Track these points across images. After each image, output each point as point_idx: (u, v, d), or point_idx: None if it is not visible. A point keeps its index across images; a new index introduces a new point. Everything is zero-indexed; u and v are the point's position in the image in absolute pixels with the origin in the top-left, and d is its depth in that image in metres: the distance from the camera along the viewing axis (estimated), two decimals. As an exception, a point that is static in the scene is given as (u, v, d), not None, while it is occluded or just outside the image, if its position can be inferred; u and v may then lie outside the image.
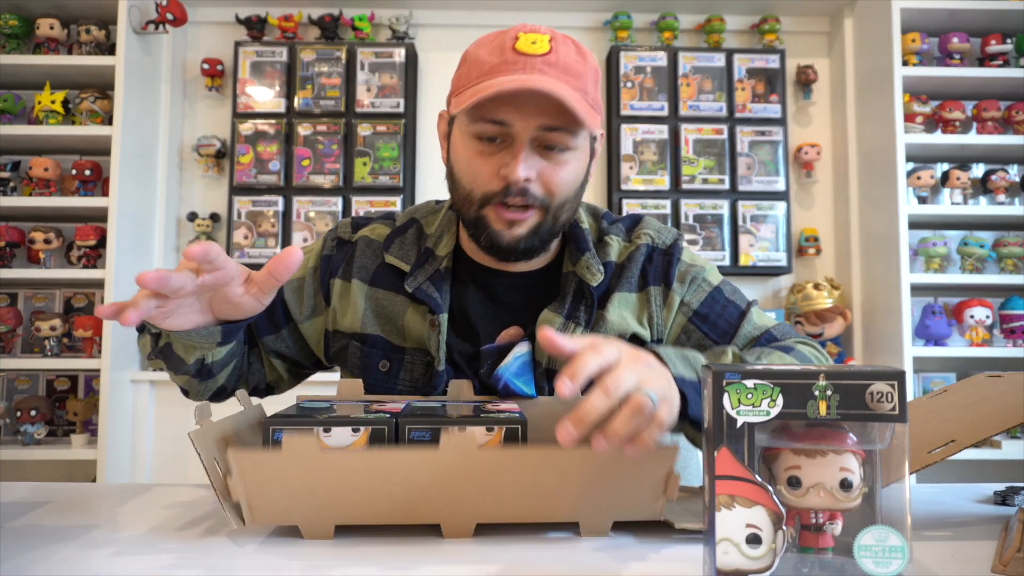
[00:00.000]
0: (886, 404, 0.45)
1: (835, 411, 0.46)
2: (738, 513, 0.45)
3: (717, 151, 2.58)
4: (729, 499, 0.45)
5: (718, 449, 0.46)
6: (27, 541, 0.63)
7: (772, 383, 0.47)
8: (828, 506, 0.45)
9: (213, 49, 2.66)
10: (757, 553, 0.44)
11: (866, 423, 0.46)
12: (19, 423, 2.30)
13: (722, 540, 0.45)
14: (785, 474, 0.46)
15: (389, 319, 0.93)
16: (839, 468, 0.45)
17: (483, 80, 0.79)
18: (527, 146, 0.80)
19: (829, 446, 0.46)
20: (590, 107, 0.81)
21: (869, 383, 0.45)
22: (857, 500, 0.45)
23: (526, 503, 0.63)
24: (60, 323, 2.33)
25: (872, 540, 0.44)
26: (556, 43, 0.80)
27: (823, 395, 0.46)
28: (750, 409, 0.46)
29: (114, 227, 2.27)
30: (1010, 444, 2.27)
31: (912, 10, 2.40)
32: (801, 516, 0.46)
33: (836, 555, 0.48)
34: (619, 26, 2.64)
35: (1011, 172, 2.50)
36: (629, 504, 0.64)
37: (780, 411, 0.46)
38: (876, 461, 0.47)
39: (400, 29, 2.62)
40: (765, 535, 0.45)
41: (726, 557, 0.45)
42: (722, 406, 0.46)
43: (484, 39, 0.84)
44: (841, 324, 2.51)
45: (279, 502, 0.61)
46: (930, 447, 0.67)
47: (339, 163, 2.53)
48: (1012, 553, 0.55)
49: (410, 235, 0.96)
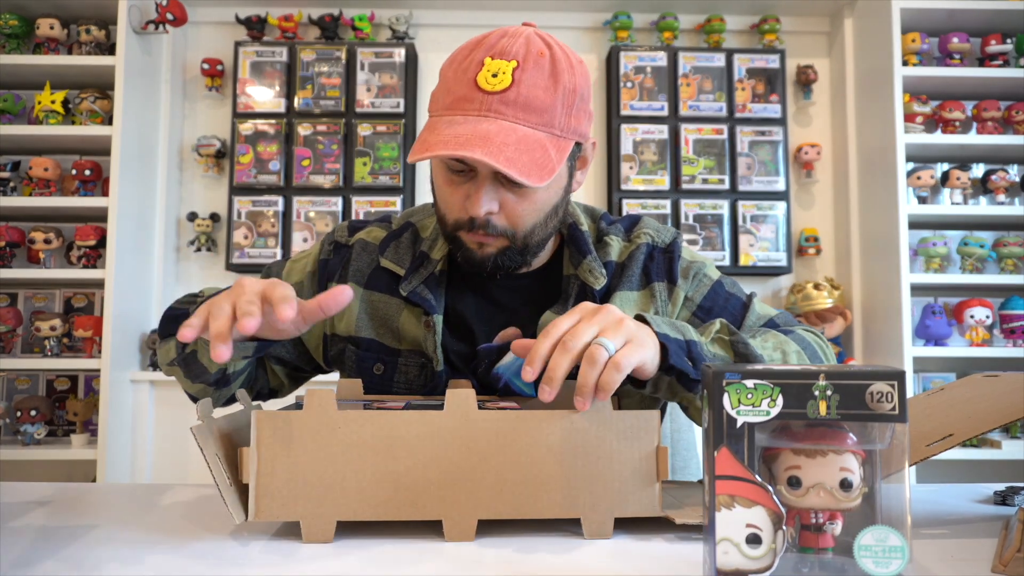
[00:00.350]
0: (886, 404, 0.45)
1: (835, 411, 0.46)
2: (738, 513, 0.45)
3: (717, 151, 2.58)
4: (729, 499, 0.45)
5: (718, 449, 0.46)
6: (27, 541, 0.63)
7: (772, 383, 0.47)
8: (828, 506, 0.45)
9: (213, 49, 2.66)
10: (757, 553, 0.45)
11: (866, 423, 0.46)
12: (19, 423, 2.30)
13: (722, 540, 0.45)
14: (785, 474, 0.46)
15: (384, 322, 0.93)
16: (839, 468, 0.45)
17: (444, 114, 0.80)
18: (488, 180, 0.81)
19: (829, 446, 0.46)
20: (556, 137, 0.80)
21: (869, 383, 0.45)
22: (857, 500, 0.45)
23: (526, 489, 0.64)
24: (60, 323, 2.33)
25: (872, 540, 0.45)
26: (522, 72, 0.78)
27: (823, 395, 0.46)
28: (750, 409, 0.46)
29: (114, 227, 2.27)
30: (1010, 444, 2.27)
31: (912, 10, 2.40)
32: (801, 516, 0.46)
33: (836, 555, 0.48)
34: (619, 26, 2.64)
35: (1011, 172, 2.50)
36: (625, 490, 0.64)
37: (780, 411, 0.46)
38: (876, 461, 0.47)
39: (400, 29, 2.62)
40: (765, 535, 0.45)
41: (726, 557, 0.45)
42: (722, 406, 0.47)
43: (458, 53, 0.83)
44: (841, 324, 2.51)
45: (286, 483, 0.62)
46: (928, 441, 0.68)
47: (339, 163, 2.53)
48: (1012, 553, 0.55)
49: (405, 239, 0.96)
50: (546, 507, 0.64)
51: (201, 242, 2.56)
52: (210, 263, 2.62)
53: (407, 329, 0.92)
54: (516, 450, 0.63)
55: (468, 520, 0.63)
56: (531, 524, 0.67)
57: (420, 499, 0.63)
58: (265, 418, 0.63)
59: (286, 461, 0.62)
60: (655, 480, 0.65)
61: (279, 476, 0.62)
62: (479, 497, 0.63)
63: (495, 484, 0.63)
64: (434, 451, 0.63)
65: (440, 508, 0.63)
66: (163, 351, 0.91)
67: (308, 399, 0.63)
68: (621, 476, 0.64)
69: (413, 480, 0.63)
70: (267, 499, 0.62)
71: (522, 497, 0.64)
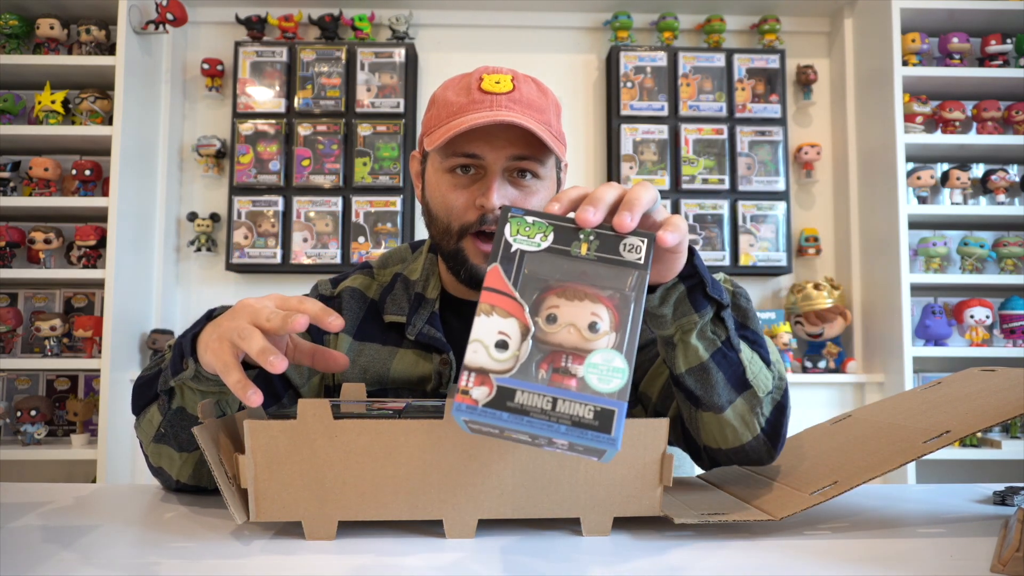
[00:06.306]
0: (635, 255, 0.54)
1: (593, 252, 0.54)
2: (494, 321, 0.51)
3: (717, 151, 2.58)
4: (490, 308, 0.52)
5: (491, 265, 0.53)
6: (27, 541, 0.63)
7: (548, 222, 0.55)
8: (576, 344, 0.51)
9: (213, 49, 2.67)
10: (503, 356, 0.50)
11: (618, 269, 0.54)
12: (19, 423, 2.30)
13: (475, 341, 0.51)
14: (545, 312, 0.52)
15: (366, 370, 0.92)
16: (590, 313, 0.52)
17: (453, 119, 0.84)
18: (499, 176, 0.85)
19: (586, 291, 0.53)
20: (554, 137, 0.86)
21: (625, 236, 0.55)
22: (599, 342, 0.51)
23: (526, 492, 0.63)
24: (60, 323, 2.33)
25: (600, 360, 0.50)
26: (518, 82, 0.86)
27: (587, 238, 0.54)
28: (526, 239, 0.54)
29: (114, 227, 2.27)
30: (1010, 444, 2.27)
31: (912, 10, 2.40)
32: (554, 361, 0.51)
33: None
34: (619, 26, 2.64)
35: (1011, 172, 2.50)
36: (627, 493, 0.64)
37: (549, 245, 0.54)
38: (626, 314, 0.52)
39: (400, 29, 2.62)
40: (512, 343, 0.51)
41: (475, 356, 0.50)
42: (503, 233, 0.54)
43: (449, 82, 0.89)
44: (841, 324, 2.52)
45: (285, 487, 0.62)
46: (925, 437, 0.68)
47: (339, 163, 2.53)
48: (1011, 552, 0.55)
49: (398, 289, 0.97)
50: (546, 508, 0.64)
51: (201, 242, 2.56)
52: (210, 263, 2.62)
53: (399, 371, 0.92)
54: (518, 457, 0.63)
55: (468, 519, 0.63)
56: (531, 523, 0.67)
57: (420, 501, 0.63)
58: (259, 428, 0.61)
59: (283, 468, 0.62)
60: (658, 485, 0.65)
61: (277, 481, 0.62)
62: (479, 500, 0.63)
63: (495, 487, 0.63)
64: (434, 457, 0.62)
65: (440, 509, 0.63)
66: (145, 425, 0.79)
67: (301, 408, 0.61)
68: (624, 480, 0.64)
69: (413, 485, 0.62)
70: (267, 501, 0.62)
71: (522, 499, 0.64)
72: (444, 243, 0.89)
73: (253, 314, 0.63)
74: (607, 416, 0.49)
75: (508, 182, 0.86)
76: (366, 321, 0.95)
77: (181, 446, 0.78)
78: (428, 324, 0.92)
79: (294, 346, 0.71)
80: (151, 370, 0.81)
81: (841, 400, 2.46)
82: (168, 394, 0.75)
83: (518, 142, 0.83)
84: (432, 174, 0.89)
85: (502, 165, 0.84)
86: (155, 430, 0.78)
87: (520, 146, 0.84)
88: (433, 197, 0.89)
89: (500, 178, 0.85)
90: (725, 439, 0.75)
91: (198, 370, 0.70)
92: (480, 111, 0.82)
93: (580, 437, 0.48)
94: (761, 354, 0.75)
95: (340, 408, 0.72)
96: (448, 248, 0.89)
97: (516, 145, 0.84)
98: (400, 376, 0.92)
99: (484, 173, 0.85)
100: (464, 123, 0.81)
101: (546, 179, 0.88)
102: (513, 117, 0.81)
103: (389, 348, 0.93)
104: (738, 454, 0.76)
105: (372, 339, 0.94)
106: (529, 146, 0.84)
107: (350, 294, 0.97)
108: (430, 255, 0.98)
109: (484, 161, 0.84)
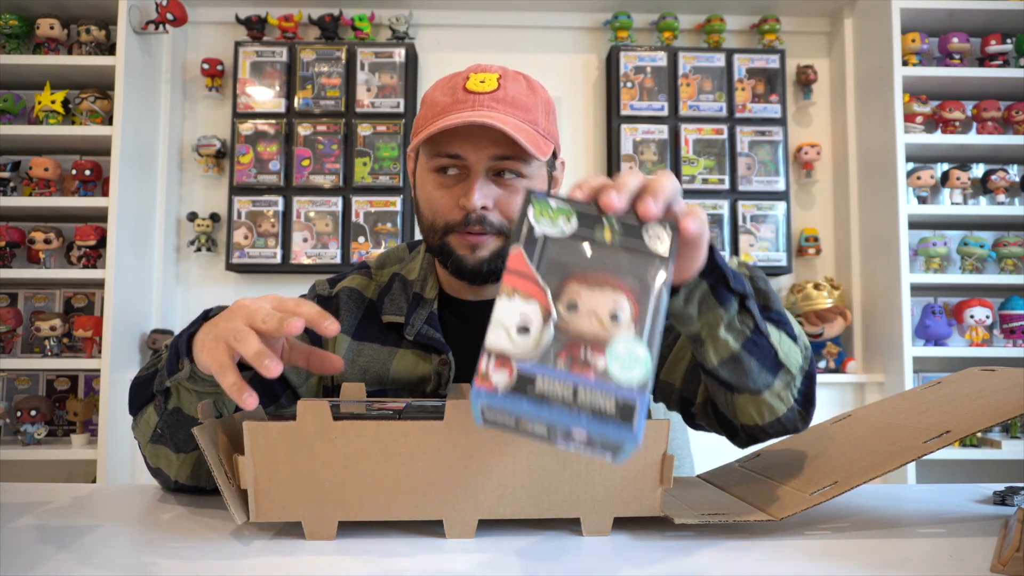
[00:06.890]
0: (659, 243, 0.53)
1: (618, 238, 0.53)
2: (516, 303, 0.50)
3: (717, 151, 2.58)
4: (512, 290, 0.50)
5: (514, 248, 0.52)
6: (27, 541, 0.63)
7: (572, 207, 0.54)
8: (596, 333, 0.50)
9: (213, 49, 2.67)
10: (523, 341, 0.49)
11: (642, 260, 0.53)
12: (19, 423, 2.30)
13: (496, 322, 0.49)
14: (566, 299, 0.51)
15: (365, 370, 0.92)
16: (612, 301, 0.51)
17: (437, 119, 0.84)
18: (482, 176, 0.85)
19: (607, 280, 0.52)
20: (541, 136, 0.86)
21: (648, 225, 0.54)
22: (620, 332, 0.50)
23: (527, 494, 0.63)
24: (60, 323, 2.33)
25: (623, 349, 0.49)
26: (505, 80, 0.86)
27: (610, 224, 0.53)
28: (549, 223, 0.53)
29: (114, 227, 2.27)
30: (1010, 444, 2.27)
31: (912, 10, 2.40)
32: (572, 350, 0.50)
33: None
34: (619, 26, 2.64)
35: (1011, 172, 2.50)
36: (627, 493, 0.64)
37: (574, 231, 0.53)
38: (646, 305, 0.52)
39: (400, 29, 2.62)
40: (534, 328, 0.49)
41: (496, 339, 0.49)
42: (526, 214, 0.53)
43: (439, 82, 0.90)
44: (841, 324, 2.52)
45: (285, 488, 0.61)
46: (925, 437, 0.67)
47: (339, 163, 2.53)
48: (1011, 552, 0.55)
49: (396, 289, 0.97)
50: (547, 508, 0.64)
51: (201, 242, 2.56)
52: (210, 263, 2.62)
53: (399, 372, 0.91)
54: (518, 457, 0.63)
55: (468, 519, 0.63)
56: (531, 523, 0.67)
57: (420, 501, 0.63)
58: (258, 429, 0.61)
59: (282, 469, 0.61)
60: (658, 485, 0.65)
61: (277, 482, 0.62)
62: (479, 500, 0.63)
63: (496, 487, 0.63)
64: (434, 458, 0.62)
65: (440, 509, 0.63)
66: (142, 425, 0.79)
67: (300, 409, 0.61)
68: (624, 480, 0.64)
69: (413, 485, 0.62)
70: (267, 502, 0.62)
71: (523, 499, 0.64)
72: (430, 238, 0.90)
73: (249, 315, 0.63)
74: (628, 409, 0.47)
75: (492, 181, 0.86)
76: (364, 321, 0.95)
77: (178, 447, 0.77)
78: (427, 324, 0.92)
79: (290, 347, 0.71)
80: (148, 370, 0.81)
81: (841, 400, 2.46)
82: (164, 394, 0.75)
83: (500, 142, 0.83)
84: (420, 173, 0.90)
85: (485, 165, 0.85)
86: (152, 431, 0.78)
87: (502, 145, 0.84)
88: (420, 196, 0.90)
89: (483, 178, 0.85)
90: (763, 416, 0.76)
91: (193, 370, 0.69)
92: (462, 111, 0.82)
93: (601, 429, 0.47)
94: (787, 331, 0.75)
95: (340, 408, 0.73)
96: (434, 243, 0.89)
97: (498, 145, 0.84)
98: (400, 376, 0.92)
99: (468, 173, 0.86)
100: (441, 124, 0.81)
101: (532, 177, 0.88)
102: (490, 118, 0.80)
103: (388, 348, 0.93)
104: (775, 427, 0.78)
105: (371, 339, 0.94)
106: (511, 145, 0.84)
107: (348, 294, 0.97)
108: (428, 255, 0.98)
109: (467, 161, 0.85)
